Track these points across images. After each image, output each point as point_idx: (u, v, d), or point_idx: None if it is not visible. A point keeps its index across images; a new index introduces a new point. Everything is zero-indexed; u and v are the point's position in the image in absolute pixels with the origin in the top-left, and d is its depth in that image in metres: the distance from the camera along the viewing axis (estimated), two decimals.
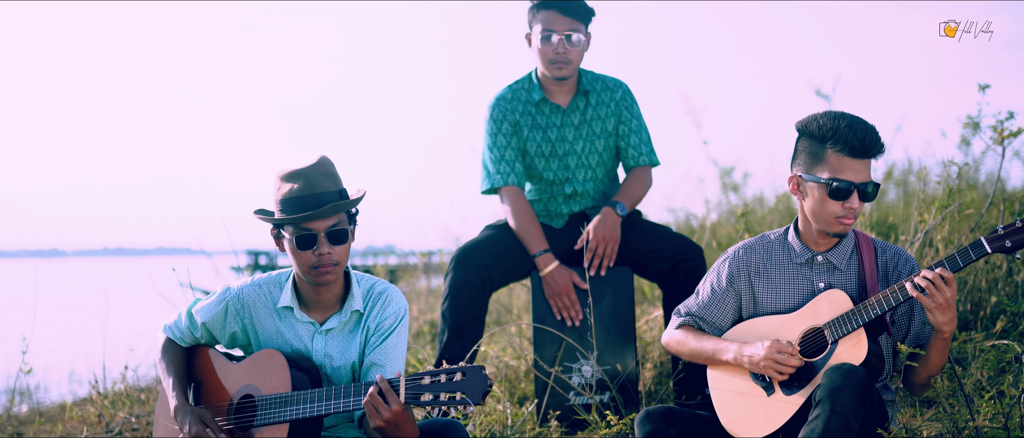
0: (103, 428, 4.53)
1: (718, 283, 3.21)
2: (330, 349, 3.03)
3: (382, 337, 3.00)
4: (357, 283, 3.06)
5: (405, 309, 3.06)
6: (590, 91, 4.22)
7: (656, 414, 3.03)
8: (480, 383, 2.60)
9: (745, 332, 3.13)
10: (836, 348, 2.91)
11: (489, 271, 4.08)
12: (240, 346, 3.16)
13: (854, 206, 2.92)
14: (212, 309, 3.09)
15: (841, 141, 2.89)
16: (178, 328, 3.15)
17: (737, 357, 3.04)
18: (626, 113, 4.25)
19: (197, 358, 3.17)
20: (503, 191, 4.19)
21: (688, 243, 4.12)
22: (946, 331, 2.85)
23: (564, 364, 4.02)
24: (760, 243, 3.19)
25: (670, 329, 3.28)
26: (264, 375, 2.96)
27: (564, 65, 4.08)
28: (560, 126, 4.21)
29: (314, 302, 3.03)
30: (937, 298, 2.77)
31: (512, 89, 4.26)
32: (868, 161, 2.93)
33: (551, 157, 4.22)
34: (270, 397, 2.91)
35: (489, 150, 4.23)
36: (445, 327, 4.06)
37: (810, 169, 2.96)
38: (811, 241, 3.07)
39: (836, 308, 2.95)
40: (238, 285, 3.11)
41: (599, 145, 4.23)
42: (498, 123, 4.21)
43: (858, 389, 2.72)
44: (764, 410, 2.98)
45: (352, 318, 3.04)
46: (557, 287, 4.07)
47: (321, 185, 2.92)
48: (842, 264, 3.05)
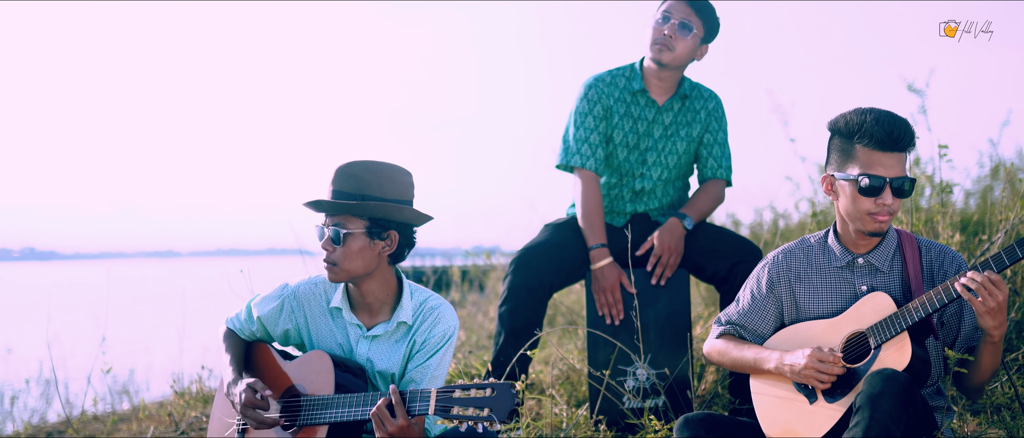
0: (173, 427, 4.67)
1: (758, 290, 3.15)
2: (373, 354, 3.06)
3: (427, 355, 3.02)
4: (410, 295, 3.08)
5: (454, 328, 3.07)
6: (688, 96, 4.18)
7: (695, 420, 2.99)
8: (508, 401, 2.60)
9: (787, 339, 3.06)
10: (879, 353, 2.83)
11: (549, 275, 4.06)
12: (294, 344, 3.22)
13: (887, 202, 2.83)
14: (269, 304, 3.17)
15: (868, 135, 2.82)
16: (239, 320, 3.25)
17: (778, 366, 2.97)
18: (714, 124, 4.21)
19: (255, 353, 3.24)
20: (580, 172, 4.14)
21: (746, 244, 4.06)
22: (996, 335, 2.75)
23: (619, 367, 3.99)
24: (800, 247, 3.12)
25: (711, 339, 3.24)
26: (311, 376, 3.01)
27: (665, 49, 4.01)
28: (651, 121, 4.17)
29: (360, 304, 3.08)
30: (989, 302, 2.68)
31: (612, 74, 4.21)
32: (901, 155, 2.84)
33: (633, 149, 4.17)
34: (314, 398, 2.97)
35: (575, 127, 4.17)
36: (502, 329, 4.06)
37: (841, 167, 2.89)
38: (850, 243, 2.99)
39: (879, 311, 2.87)
40: (296, 282, 3.18)
41: (680, 147, 4.18)
42: (591, 104, 4.15)
43: (899, 395, 2.63)
44: (806, 418, 2.92)
45: (400, 329, 3.07)
46: (604, 283, 4.03)
47: (339, 185, 2.97)
48: (884, 266, 2.96)
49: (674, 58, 4.03)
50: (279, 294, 3.17)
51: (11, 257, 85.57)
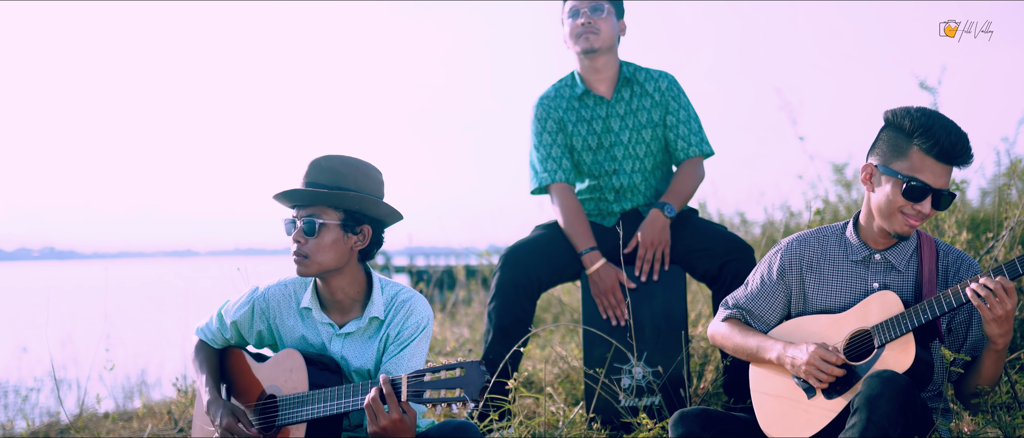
0: (171, 424, 4.69)
1: (768, 275, 3.10)
2: (347, 352, 3.03)
3: (401, 346, 2.98)
4: (380, 289, 3.04)
5: (428, 318, 3.03)
6: (632, 79, 4.16)
7: (690, 416, 2.95)
8: (478, 379, 2.58)
9: (791, 331, 3.02)
10: (882, 353, 2.79)
11: (537, 272, 4.05)
12: (268, 345, 3.19)
13: (924, 210, 2.77)
14: (240, 309, 3.13)
15: (931, 139, 2.73)
16: (210, 330, 3.20)
17: (780, 357, 2.93)
18: (673, 103, 4.16)
19: (228, 359, 3.22)
20: (552, 188, 4.15)
21: (737, 242, 4.02)
22: (1000, 343, 2.71)
23: (614, 365, 3.98)
24: (816, 236, 3.06)
25: (716, 321, 3.20)
26: (285, 375, 2.98)
27: (591, 34, 4.03)
28: (605, 117, 4.15)
29: (331, 302, 3.04)
30: (997, 309, 2.62)
31: (555, 87, 4.23)
32: (950, 168, 2.77)
33: (598, 150, 4.16)
34: (290, 397, 2.94)
35: (535, 149, 4.20)
36: (490, 327, 4.04)
37: (889, 161, 2.81)
38: (870, 238, 2.94)
39: (886, 310, 2.82)
40: (265, 285, 3.14)
41: (646, 135, 4.15)
42: (542, 122, 4.18)
43: (898, 398, 2.59)
44: (803, 414, 2.89)
45: (372, 324, 3.03)
46: (603, 285, 4.02)
47: (314, 177, 2.93)
48: (901, 265, 2.91)
49: (602, 40, 4.06)
50: (249, 298, 3.13)
51: (31, 256, 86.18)
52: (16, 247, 72.78)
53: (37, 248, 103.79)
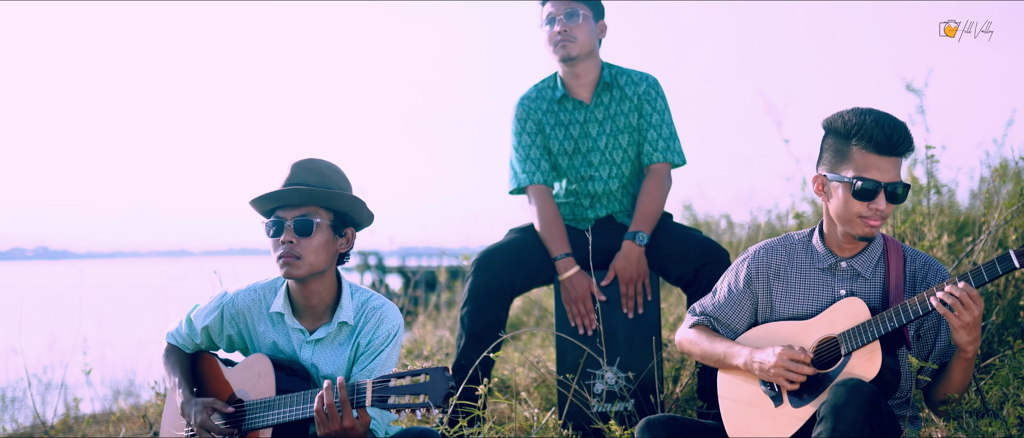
0: (146, 427, 4.68)
1: (735, 284, 3.09)
2: (317, 359, 3.01)
3: (372, 356, 2.97)
4: (350, 295, 3.03)
5: (399, 327, 3.02)
6: (613, 84, 4.12)
7: (657, 423, 2.94)
8: (442, 385, 2.58)
9: (759, 337, 3.01)
10: (849, 360, 2.77)
11: (510, 276, 4.03)
12: (239, 350, 3.18)
13: (880, 207, 2.76)
14: (209, 314, 3.12)
15: (866, 137, 2.74)
16: (180, 335, 3.19)
17: (747, 363, 2.92)
18: (647, 106, 4.11)
19: (199, 364, 3.21)
20: (530, 190, 4.14)
21: (711, 246, 4.00)
22: (969, 350, 2.69)
23: (587, 370, 3.96)
24: (783, 244, 3.05)
25: (683, 328, 3.19)
26: (252, 380, 2.97)
27: (568, 42, 3.99)
28: (583, 122, 4.13)
29: (304, 308, 3.02)
30: (964, 316, 2.61)
31: (537, 88, 4.21)
32: (897, 160, 2.77)
33: (574, 154, 4.14)
34: (257, 402, 2.93)
35: (515, 150, 4.19)
36: (463, 332, 4.02)
37: (835, 168, 2.81)
38: (835, 245, 2.93)
39: (853, 318, 2.81)
40: (234, 290, 3.13)
41: (623, 140, 4.12)
42: (522, 122, 4.16)
43: (864, 406, 2.58)
44: (770, 421, 2.88)
45: (343, 331, 3.02)
46: (574, 294, 4.00)
47: (302, 178, 2.92)
48: (867, 272, 2.90)
49: (580, 47, 4.02)
50: (218, 303, 3.12)
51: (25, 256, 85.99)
52: (10, 246, 72.60)
53: (31, 248, 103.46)
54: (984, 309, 4.11)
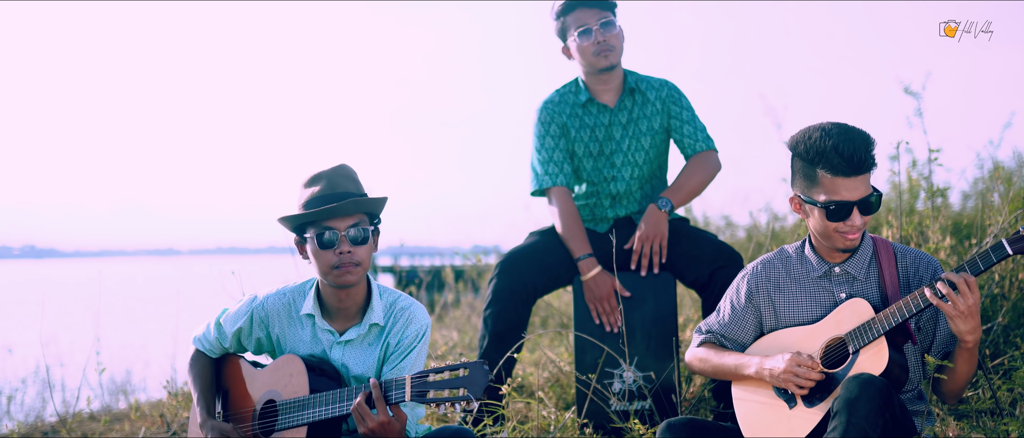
0: (164, 427, 4.70)
1: (737, 301, 3.17)
2: (347, 359, 3.06)
3: (402, 355, 3.03)
4: (379, 295, 3.09)
5: (427, 326, 3.09)
6: (636, 89, 4.20)
7: (677, 425, 3.01)
8: (482, 378, 2.64)
9: (768, 345, 3.09)
10: (857, 358, 2.85)
11: (533, 278, 4.09)
12: (267, 352, 3.23)
13: (856, 223, 2.86)
14: (239, 318, 3.16)
15: (829, 164, 2.82)
16: (207, 340, 3.23)
17: (758, 371, 3.00)
18: (674, 107, 4.21)
19: (226, 368, 3.25)
20: (551, 192, 4.19)
21: (726, 250, 4.07)
22: (970, 340, 2.76)
23: (605, 370, 4.01)
24: (779, 257, 3.14)
25: (692, 348, 3.26)
26: (285, 380, 3.02)
27: (609, 52, 4.07)
28: (608, 125, 4.20)
29: (336, 310, 3.07)
30: (959, 305, 2.69)
31: (560, 93, 4.27)
32: (865, 176, 2.84)
33: (598, 156, 4.21)
34: (290, 401, 2.98)
35: (537, 152, 4.24)
36: (486, 333, 4.08)
37: (807, 191, 2.90)
38: (826, 254, 3.01)
39: (859, 317, 2.89)
40: (264, 294, 3.18)
41: (645, 143, 4.20)
42: (546, 125, 4.22)
43: (876, 399, 2.66)
44: (785, 423, 2.94)
45: (372, 331, 3.08)
46: (598, 292, 4.06)
47: (342, 186, 2.98)
48: (861, 274, 2.98)
49: (618, 55, 4.12)
50: (248, 308, 3.16)
51: (11, 255, 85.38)
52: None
53: (17, 246, 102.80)
54: (990, 311, 4.18)
